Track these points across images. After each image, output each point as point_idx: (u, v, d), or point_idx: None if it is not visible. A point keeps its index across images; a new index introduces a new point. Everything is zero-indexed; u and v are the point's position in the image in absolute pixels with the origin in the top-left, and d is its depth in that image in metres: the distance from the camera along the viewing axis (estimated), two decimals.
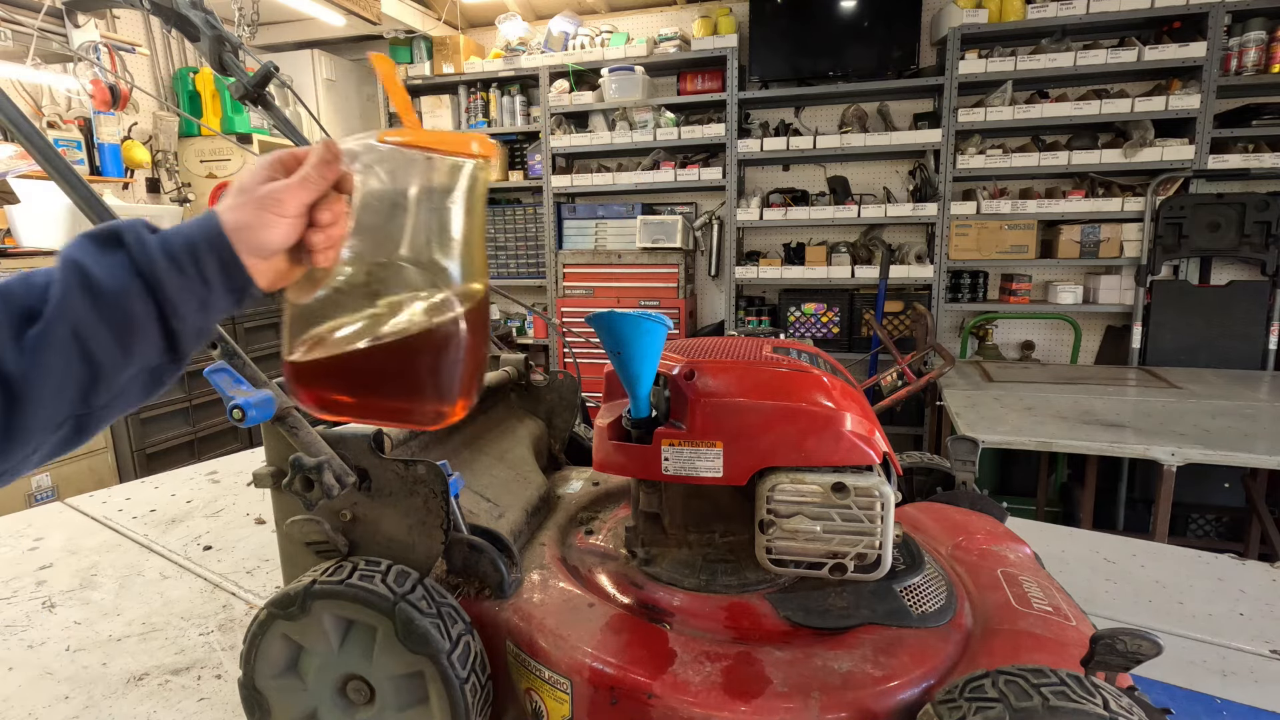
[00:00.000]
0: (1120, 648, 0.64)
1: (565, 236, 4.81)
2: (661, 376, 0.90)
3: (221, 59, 1.22)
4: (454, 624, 0.81)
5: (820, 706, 0.71)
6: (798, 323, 4.43)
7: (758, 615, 0.86)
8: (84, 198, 0.79)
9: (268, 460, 0.91)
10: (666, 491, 0.95)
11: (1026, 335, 4.33)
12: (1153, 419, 2.64)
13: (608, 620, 0.85)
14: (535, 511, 1.11)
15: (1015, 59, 3.78)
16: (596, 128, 4.70)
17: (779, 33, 4.14)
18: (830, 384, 0.89)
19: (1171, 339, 3.81)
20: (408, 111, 0.62)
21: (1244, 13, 3.54)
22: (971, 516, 1.13)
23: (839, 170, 4.51)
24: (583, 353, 4.37)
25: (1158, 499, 2.43)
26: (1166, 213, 3.72)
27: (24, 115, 0.75)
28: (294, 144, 1.36)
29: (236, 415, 0.77)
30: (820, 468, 0.83)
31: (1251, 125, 3.57)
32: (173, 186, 4.29)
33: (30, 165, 3.05)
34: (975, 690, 0.65)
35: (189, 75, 4.33)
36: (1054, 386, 3.21)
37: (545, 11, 4.94)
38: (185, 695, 1.04)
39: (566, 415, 1.41)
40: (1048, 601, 0.87)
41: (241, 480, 1.99)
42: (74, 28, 3.35)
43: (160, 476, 2.03)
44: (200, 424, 3.60)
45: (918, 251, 4.28)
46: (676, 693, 0.74)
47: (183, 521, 1.70)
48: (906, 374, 3.35)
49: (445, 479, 0.85)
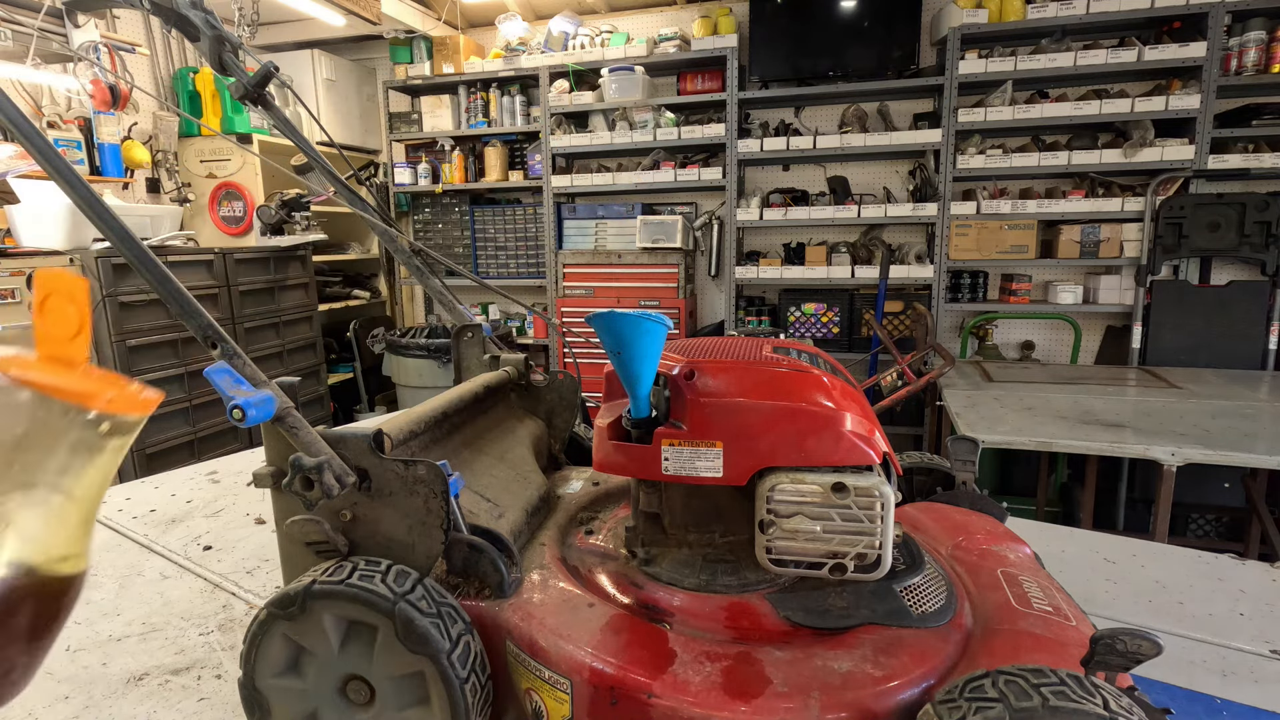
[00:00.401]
0: (1120, 648, 0.64)
1: (565, 236, 4.81)
2: (661, 376, 0.90)
3: (221, 59, 1.22)
4: (454, 624, 0.81)
5: (820, 706, 0.71)
6: (798, 323, 4.43)
7: (758, 615, 0.86)
8: (84, 198, 0.79)
9: (268, 460, 0.91)
10: (666, 491, 0.95)
11: (1026, 335, 4.33)
12: (1153, 419, 2.64)
13: (608, 620, 0.85)
14: (535, 511, 1.11)
15: (1015, 59, 3.78)
16: (596, 128, 4.70)
17: (779, 33, 4.14)
18: (830, 384, 0.89)
19: (1171, 339, 3.81)
20: (63, 342, 0.50)
21: (1244, 13, 3.54)
22: (971, 516, 1.13)
23: (839, 170, 4.51)
24: (583, 353, 4.37)
25: (1158, 499, 2.43)
26: (1166, 213, 3.72)
27: (24, 115, 0.75)
28: (294, 144, 1.36)
29: (236, 415, 0.78)
30: (820, 468, 0.83)
31: (1251, 125, 3.57)
32: (173, 186, 4.29)
33: (30, 165, 3.05)
34: (975, 690, 0.65)
35: (189, 75, 4.33)
36: (1054, 386, 3.21)
37: (545, 11, 4.94)
38: (185, 695, 1.04)
39: (566, 415, 1.41)
40: (1048, 601, 0.87)
41: (241, 480, 1.99)
42: (74, 28, 3.35)
43: (160, 476, 2.03)
44: (200, 424, 3.60)
45: (918, 251, 4.28)
46: (676, 693, 0.74)
47: (183, 521, 1.70)
48: (906, 374, 3.35)
49: (445, 479, 0.85)
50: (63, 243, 3.11)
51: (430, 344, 4.13)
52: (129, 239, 0.80)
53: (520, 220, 4.96)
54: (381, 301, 5.59)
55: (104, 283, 3.12)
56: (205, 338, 0.82)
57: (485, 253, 5.10)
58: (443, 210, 5.15)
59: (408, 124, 5.02)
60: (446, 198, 5.12)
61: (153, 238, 3.56)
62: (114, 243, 0.80)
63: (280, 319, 4.13)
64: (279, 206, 4.01)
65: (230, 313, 3.77)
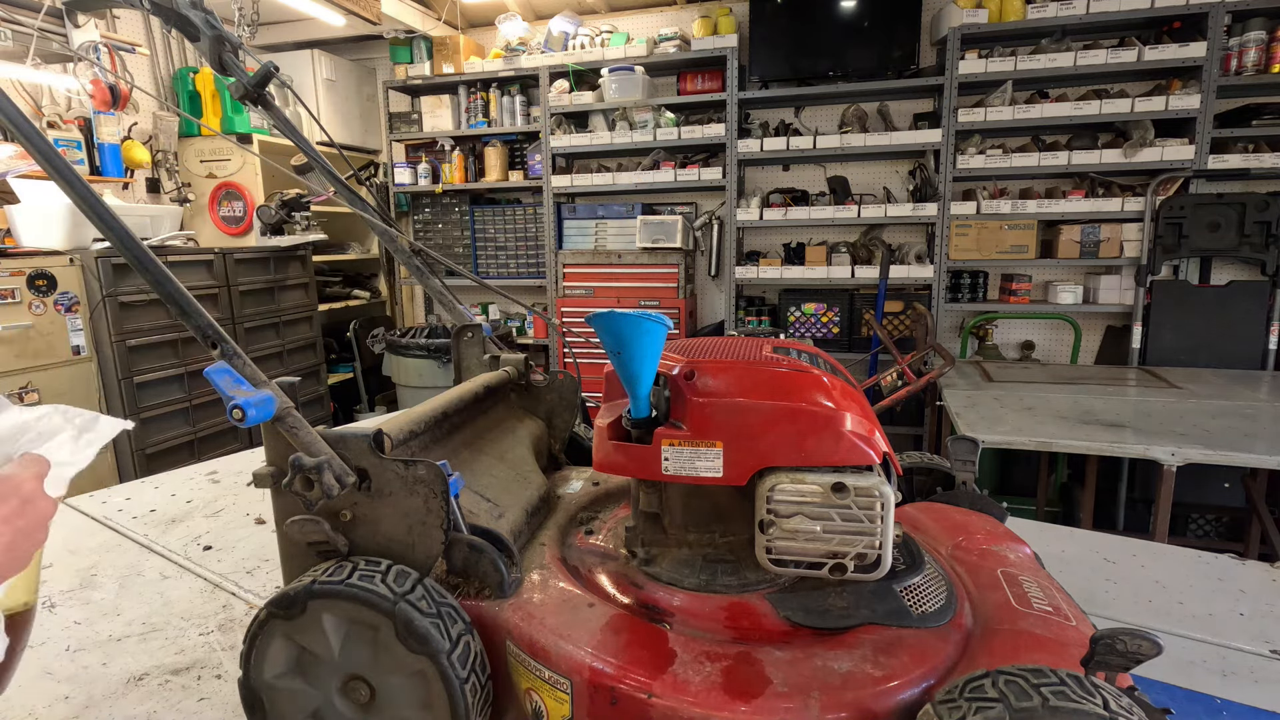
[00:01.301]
0: (1120, 648, 0.64)
1: (565, 236, 4.81)
2: (661, 376, 0.90)
3: (221, 59, 1.22)
4: (454, 624, 0.81)
5: (820, 706, 0.71)
6: (798, 323, 4.43)
7: (758, 615, 0.86)
8: (84, 198, 0.79)
9: (268, 460, 0.91)
10: (666, 491, 0.95)
11: (1026, 335, 4.33)
12: (1153, 419, 2.64)
13: (608, 620, 0.85)
14: (535, 511, 1.11)
15: (1015, 59, 3.78)
16: (596, 128, 4.70)
17: (779, 33, 4.14)
18: (830, 384, 0.89)
19: (1171, 339, 3.81)
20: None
21: (1244, 13, 3.54)
22: (971, 516, 1.13)
23: (839, 170, 4.51)
24: (583, 353, 4.37)
25: (1158, 499, 2.43)
26: (1166, 213, 3.72)
27: (24, 115, 0.75)
28: (294, 144, 1.36)
29: (236, 415, 0.78)
30: (820, 468, 0.83)
31: (1251, 125, 3.57)
32: (173, 186, 4.29)
33: (30, 165, 3.05)
34: (975, 690, 0.65)
35: (189, 75, 4.33)
36: (1054, 386, 3.21)
37: (545, 11, 4.94)
38: (185, 695, 1.04)
39: (566, 415, 1.41)
40: (1048, 601, 0.87)
41: (241, 480, 1.99)
42: (74, 28, 3.35)
43: (160, 476, 2.03)
44: (200, 424, 3.60)
45: (918, 251, 4.28)
46: (676, 693, 0.74)
47: (183, 521, 1.70)
48: (906, 374, 3.35)
49: (445, 479, 0.85)
50: (63, 243, 3.11)
51: (430, 344, 4.13)
52: (129, 239, 0.80)
53: (520, 220, 4.96)
54: (381, 301, 5.59)
55: (104, 283, 3.12)
56: (205, 338, 0.82)
57: (485, 253, 5.10)
58: (443, 210, 5.15)
59: (408, 124, 5.02)
60: (446, 198, 5.12)
61: (153, 238, 3.56)
62: (114, 243, 0.80)
63: (280, 319, 4.13)
64: (279, 206, 4.01)
65: (230, 313, 3.77)
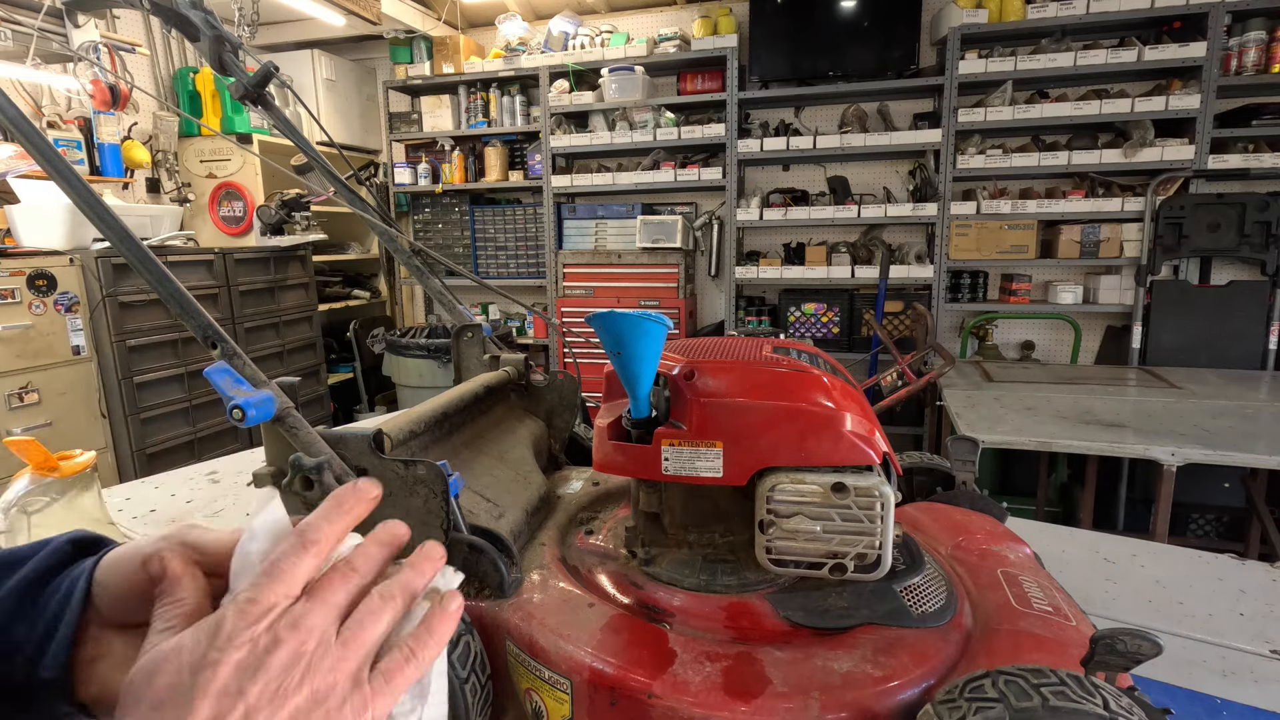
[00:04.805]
0: (1120, 648, 0.64)
1: (565, 236, 4.81)
2: (661, 376, 0.89)
3: (221, 59, 1.22)
4: None
5: (820, 706, 0.71)
6: (798, 323, 4.43)
7: (758, 615, 0.86)
8: (84, 198, 0.79)
9: (268, 460, 0.91)
10: (666, 491, 0.95)
11: (1026, 335, 4.33)
12: (1153, 419, 2.64)
13: (608, 620, 0.85)
14: (535, 511, 1.11)
15: (1015, 59, 3.78)
16: (596, 128, 4.70)
17: (779, 33, 4.14)
18: (830, 384, 0.89)
19: (1171, 339, 3.81)
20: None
21: (1244, 13, 3.54)
22: (971, 516, 1.13)
23: (839, 170, 4.51)
24: (583, 353, 4.37)
25: (1158, 499, 2.43)
26: (1166, 213, 3.72)
27: (24, 115, 0.75)
28: (294, 144, 1.36)
29: (236, 415, 0.78)
30: (820, 468, 0.83)
31: (1251, 125, 3.57)
32: (173, 186, 4.29)
33: (30, 165, 3.05)
34: (975, 690, 0.65)
35: (189, 75, 4.33)
36: (1054, 386, 3.21)
37: (545, 11, 4.94)
38: None
39: (566, 415, 1.41)
40: (1048, 601, 0.87)
41: (241, 480, 1.99)
42: (74, 28, 3.35)
43: (160, 476, 2.03)
44: (200, 424, 3.60)
45: (918, 251, 4.28)
46: (676, 693, 0.74)
47: (183, 521, 1.69)
48: (906, 374, 3.35)
49: (445, 479, 0.85)
50: (63, 243, 3.11)
51: (430, 344, 4.13)
52: (129, 239, 0.80)
53: (520, 220, 4.96)
54: (381, 301, 5.59)
55: (104, 283, 3.12)
56: (205, 338, 0.82)
57: (485, 253, 5.10)
58: (443, 210, 5.15)
59: (408, 124, 5.02)
60: (446, 198, 5.12)
61: (153, 238, 3.56)
62: (114, 243, 0.80)
63: (280, 319, 4.13)
64: (279, 206, 4.01)
65: (230, 313, 3.78)
